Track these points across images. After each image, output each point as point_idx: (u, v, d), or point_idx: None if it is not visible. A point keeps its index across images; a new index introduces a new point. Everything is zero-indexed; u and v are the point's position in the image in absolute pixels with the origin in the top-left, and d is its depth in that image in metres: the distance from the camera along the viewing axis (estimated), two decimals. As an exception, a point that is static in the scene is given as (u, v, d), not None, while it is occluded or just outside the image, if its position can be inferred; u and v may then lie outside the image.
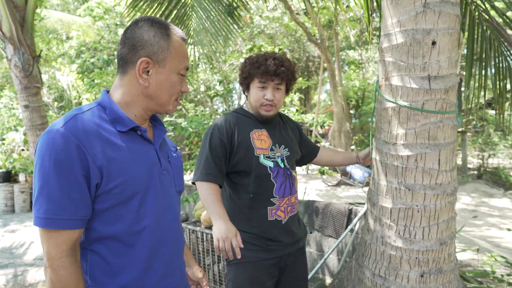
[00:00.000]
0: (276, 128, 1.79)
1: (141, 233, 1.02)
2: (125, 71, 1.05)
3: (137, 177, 1.00)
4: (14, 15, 3.92)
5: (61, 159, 0.91)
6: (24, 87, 4.11)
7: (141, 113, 1.08)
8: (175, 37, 1.05)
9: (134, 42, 1.02)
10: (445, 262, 1.63)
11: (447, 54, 1.48)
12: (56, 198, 0.91)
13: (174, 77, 1.06)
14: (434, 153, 1.53)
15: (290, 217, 1.74)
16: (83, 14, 11.50)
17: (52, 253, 0.92)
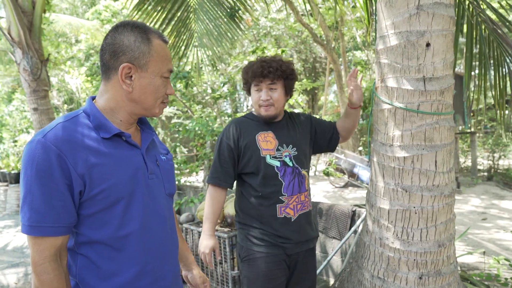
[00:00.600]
0: (284, 129, 1.82)
1: (128, 237, 1.02)
2: (109, 77, 1.04)
3: (121, 182, 1.01)
4: (22, 20, 4.00)
5: (43, 168, 0.92)
6: (32, 90, 4.18)
7: (127, 117, 1.08)
8: (156, 41, 1.05)
9: (114, 48, 1.02)
10: (444, 264, 1.62)
11: (442, 56, 1.47)
12: (38, 206, 0.92)
13: (157, 81, 1.06)
14: (431, 154, 1.52)
15: (300, 215, 1.76)
16: (91, 17, 11.64)
17: (35, 258, 0.94)
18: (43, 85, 4.20)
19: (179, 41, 3.39)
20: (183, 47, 3.42)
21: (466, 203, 6.36)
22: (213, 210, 1.78)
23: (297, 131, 1.84)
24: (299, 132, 1.84)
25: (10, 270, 4.09)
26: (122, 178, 1.01)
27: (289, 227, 1.73)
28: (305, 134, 1.87)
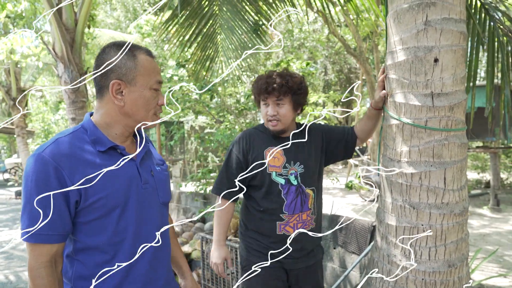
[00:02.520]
0: (293, 144, 1.80)
1: (121, 243, 1.10)
2: (102, 95, 1.13)
3: (116, 192, 1.08)
4: (65, 36, 4.32)
5: (41, 180, 1.00)
6: (71, 102, 4.48)
7: (122, 130, 1.15)
8: (141, 56, 1.12)
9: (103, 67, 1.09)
10: (455, 286, 1.57)
11: (451, 71, 1.45)
12: (35, 215, 1.00)
13: (147, 93, 1.12)
14: (439, 171, 1.49)
15: (300, 234, 1.76)
16: (133, 31, 12.26)
17: (31, 263, 1.01)
18: (81, 97, 4.50)
19: (205, 55, 3.53)
20: (209, 60, 3.55)
21: (506, 222, 5.98)
22: (221, 221, 1.81)
23: (306, 146, 1.83)
24: (308, 148, 1.84)
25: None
26: (117, 188, 1.09)
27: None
28: (315, 148, 1.86)
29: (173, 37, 3.50)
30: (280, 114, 1.74)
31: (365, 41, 10.17)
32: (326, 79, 16.27)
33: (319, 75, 16.43)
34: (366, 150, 10.61)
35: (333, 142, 1.89)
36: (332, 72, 15.65)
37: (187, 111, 6.02)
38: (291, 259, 1.77)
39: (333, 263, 3.25)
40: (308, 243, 1.81)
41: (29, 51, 6.66)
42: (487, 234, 5.29)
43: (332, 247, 3.29)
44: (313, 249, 1.85)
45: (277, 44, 13.43)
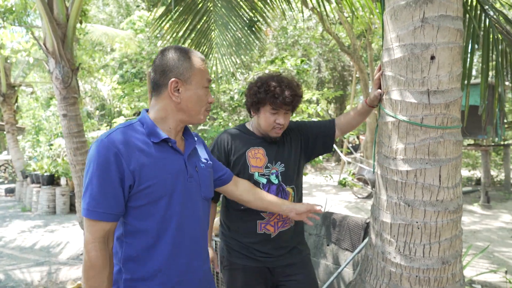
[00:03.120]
0: (275, 145, 1.81)
1: (166, 230, 1.20)
2: (159, 92, 1.25)
3: (164, 181, 1.19)
4: (56, 32, 4.25)
5: (102, 163, 1.12)
6: (63, 98, 4.41)
7: (175, 125, 1.28)
8: (195, 58, 1.26)
9: (163, 68, 1.24)
10: (448, 282, 1.57)
11: (448, 69, 1.45)
12: (95, 194, 1.12)
13: (200, 91, 1.26)
14: (435, 169, 1.49)
15: (281, 232, 1.77)
16: (125, 27, 12.13)
17: (88, 237, 1.14)
18: (72, 93, 4.43)
19: (199, 51, 3.49)
20: (203, 57, 3.52)
21: (495, 219, 6.06)
22: None
23: (286, 146, 1.83)
24: (288, 147, 1.83)
25: (35, 269, 4.31)
26: (165, 178, 1.19)
27: (268, 243, 1.74)
28: (295, 147, 1.85)
29: (166, 33, 3.46)
30: (285, 124, 1.75)
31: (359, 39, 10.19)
32: (320, 76, 16.29)
33: (312, 72, 16.44)
34: (359, 147, 10.66)
35: (312, 138, 1.88)
36: (325, 70, 15.67)
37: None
38: (272, 258, 1.76)
39: (326, 260, 3.26)
40: (289, 240, 1.80)
41: (20, 46, 6.55)
42: (477, 231, 5.36)
43: (325, 244, 3.29)
44: (296, 245, 1.83)
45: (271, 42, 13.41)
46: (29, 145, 12.68)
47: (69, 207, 7.90)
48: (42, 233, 6.05)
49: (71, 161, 4.55)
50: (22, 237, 5.80)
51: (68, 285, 3.67)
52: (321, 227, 3.35)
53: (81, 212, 1.18)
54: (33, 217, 7.50)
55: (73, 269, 4.26)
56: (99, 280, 1.13)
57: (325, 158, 18.46)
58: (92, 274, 1.13)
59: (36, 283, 3.85)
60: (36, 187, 8.22)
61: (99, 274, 1.13)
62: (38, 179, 8.32)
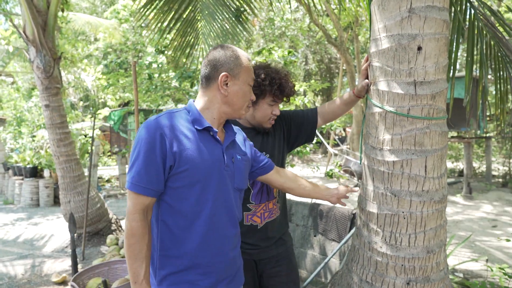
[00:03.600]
0: (260, 135, 1.81)
1: (200, 213, 1.29)
2: (208, 86, 1.36)
3: (201, 166, 1.27)
4: (36, 19, 4.11)
5: (149, 142, 1.23)
6: (45, 88, 4.29)
7: (219, 116, 1.37)
8: (243, 57, 1.38)
9: (215, 62, 1.35)
10: (433, 271, 1.60)
11: (434, 60, 1.46)
12: (140, 170, 1.23)
13: (245, 87, 1.38)
14: (420, 159, 1.51)
15: (268, 222, 1.77)
16: (109, 16, 11.86)
17: (130, 208, 1.25)
18: (55, 83, 4.32)
19: (185, 41, 3.43)
20: (189, 47, 3.46)
21: (477, 209, 6.22)
22: None
23: (271, 136, 1.83)
24: (272, 137, 1.83)
25: (19, 262, 4.22)
26: (203, 164, 1.28)
27: (255, 234, 1.74)
28: (279, 137, 1.85)
29: (151, 23, 3.39)
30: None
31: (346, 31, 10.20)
32: (307, 68, 16.30)
33: (299, 64, 16.43)
34: (346, 139, 10.75)
35: (294, 127, 1.89)
36: (312, 62, 15.68)
37: (166, 99, 5.89)
38: (258, 249, 1.77)
39: (313, 251, 3.29)
40: (274, 231, 1.80)
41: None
42: (460, 221, 5.49)
43: (312, 235, 3.32)
44: (281, 236, 1.84)
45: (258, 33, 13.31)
46: (10, 136, 12.36)
47: (53, 199, 7.75)
48: (26, 226, 5.93)
49: (55, 153, 4.45)
50: (5, 230, 5.68)
51: (53, 278, 3.61)
52: (308, 218, 3.37)
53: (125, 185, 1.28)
54: (16, 209, 7.35)
55: (58, 261, 4.19)
56: (139, 246, 1.24)
57: (312, 150, 18.58)
58: (133, 241, 1.24)
59: (19, 276, 3.77)
60: (18, 179, 8.04)
61: (139, 241, 1.24)
62: (20, 171, 8.13)
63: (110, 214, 5.03)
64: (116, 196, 8.70)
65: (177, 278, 1.31)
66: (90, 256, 4.27)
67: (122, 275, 2.93)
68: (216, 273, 1.34)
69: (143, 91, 4.36)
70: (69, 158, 4.51)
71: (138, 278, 1.23)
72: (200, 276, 1.32)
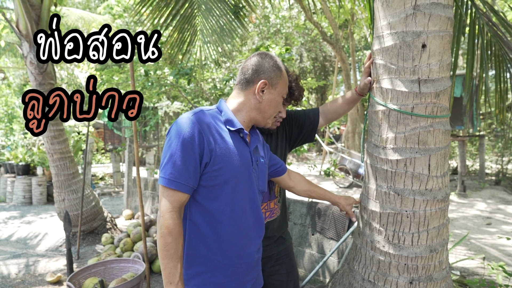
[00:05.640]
0: (263, 136, 1.79)
1: (230, 213, 1.29)
2: (245, 88, 1.38)
3: (233, 166, 1.28)
4: (29, 13, 4.03)
5: (187, 138, 1.21)
6: (38, 83, 4.22)
7: (248, 120, 1.40)
8: (283, 69, 1.41)
9: (257, 68, 1.37)
10: (435, 270, 1.60)
11: (438, 57, 1.44)
12: (178, 166, 1.21)
13: (279, 99, 1.41)
14: (424, 158, 1.50)
15: (268, 222, 1.76)
16: (103, 12, 11.71)
17: (166, 206, 1.22)
18: (49, 79, 4.24)
19: (182, 38, 3.39)
20: (186, 43, 3.42)
21: (471, 207, 6.27)
22: None
23: (273, 137, 1.82)
24: (275, 138, 1.82)
25: (12, 261, 4.16)
26: (235, 163, 1.29)
27: None
28: (281, 137, 1.85)
29: (147, 20, 3.33)
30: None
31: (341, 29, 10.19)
32: (302, 66, 16.29)
33: (294, 62, 16.40)
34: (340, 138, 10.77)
35: (296, 128, 1.88)
36: (307, 60, 15.67)
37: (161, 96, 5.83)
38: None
39: (311, 249, 3.28)
40: (275, 230, 1.79)
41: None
42: (455, 219, 5.52)
43: (310, 233, 3.31)
44: (281, 235, 1.84)
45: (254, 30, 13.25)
46: (1, 133, 12.19)
47: (46, 197, 7.66)
48: (19, 224, 5.85)
49: (49, 150, 4.38)
50: (-3, 229, 5.60)
51: (47, 277, 3.56)
52: (306, 216, 3.36)
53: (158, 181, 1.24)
54: (8, 208, 7.25)
55: (52, 261, 4.14)
56: (175, 245, 1.21)
57: (307, 148, 18.60)
58: (170, 240, 1.21)
59: (13, 276, 3.72)
60: (10, 177, 7.93)
61: (176, 240, 1.21)
62: (12, 168, 8.02)
63: (105, 213, 4.98)
64: (110, 194, 8.63)
65: (203, 280, 1.31)
66: (85, 255, 4.22)
67: (118, 274, 2.90)
68: (241, 274, 1.35)
69: (139, 87, 4.30)
70: (63, 156, 4.44)
71: (173, 278, 1.21)
72: (226, 278, 1.32)
